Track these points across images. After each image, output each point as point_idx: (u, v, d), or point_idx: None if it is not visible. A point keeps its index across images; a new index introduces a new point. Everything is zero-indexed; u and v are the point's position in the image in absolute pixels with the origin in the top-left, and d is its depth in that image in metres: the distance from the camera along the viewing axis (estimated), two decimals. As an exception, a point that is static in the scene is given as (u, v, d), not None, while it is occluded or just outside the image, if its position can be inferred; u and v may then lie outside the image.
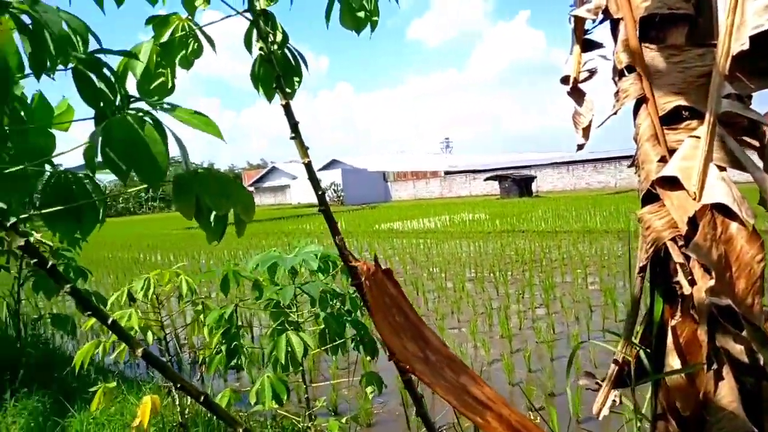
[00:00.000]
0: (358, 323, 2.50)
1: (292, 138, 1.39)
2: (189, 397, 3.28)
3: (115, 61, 1.46)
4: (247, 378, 4.53)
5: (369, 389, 2.45)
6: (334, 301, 2.57)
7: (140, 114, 1.16)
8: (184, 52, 1.52)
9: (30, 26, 1.01)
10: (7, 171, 1.17)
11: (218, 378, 4.64)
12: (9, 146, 1.28)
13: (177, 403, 3.03)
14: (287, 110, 1.40)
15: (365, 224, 19.25)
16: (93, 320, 3.12)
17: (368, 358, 2.52)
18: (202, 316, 2.85)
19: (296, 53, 1.60)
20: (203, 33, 1.49)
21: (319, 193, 1.39)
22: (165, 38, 1.48)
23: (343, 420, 2.62)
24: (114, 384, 2.88)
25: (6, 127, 1.19)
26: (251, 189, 56.57)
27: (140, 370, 4.82)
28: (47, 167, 1.36)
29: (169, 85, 1.57)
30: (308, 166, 1.42)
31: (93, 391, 2.56)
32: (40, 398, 3.69)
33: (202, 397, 1.31)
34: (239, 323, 2.63)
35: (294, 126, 1.38)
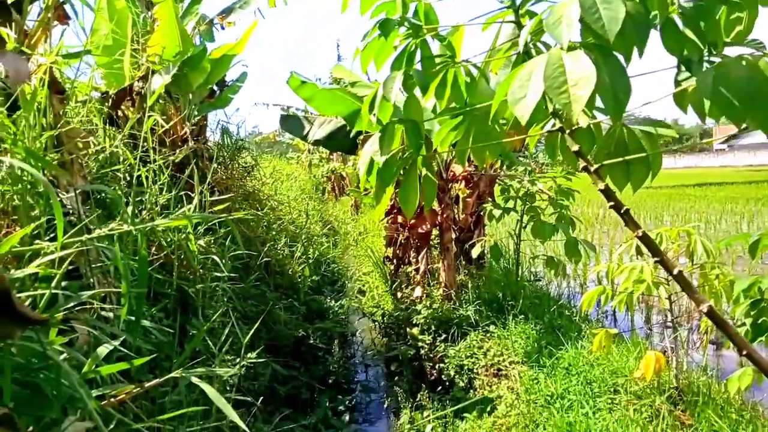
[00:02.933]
0: None
1: None
2: (683, 365, 3.04)
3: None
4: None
5: None
6: None
7: (753, 56, 1.03)
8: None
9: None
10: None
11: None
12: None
13: (675, 366, 2.88)
14: None
15: None
16: (599, 267, 3.26)
17: None
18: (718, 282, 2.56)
19: None
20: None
21: None
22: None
23: None
24: (615, 331, 2.96)
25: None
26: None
27: (622, 327, 4.89)
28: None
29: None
30: None
31: (579, 332, 2.70)
32: (533, 327, 4.21)
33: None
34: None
35: None
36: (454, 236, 5.27)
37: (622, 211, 1.51)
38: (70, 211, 2.12)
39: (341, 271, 8.99)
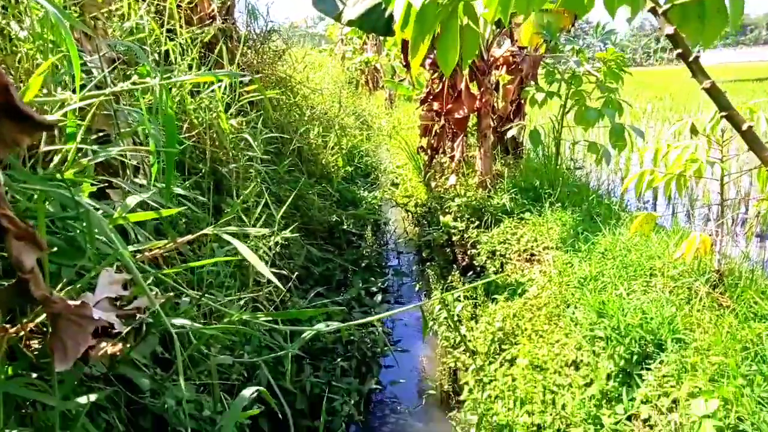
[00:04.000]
0: None
1: None
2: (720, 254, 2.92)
3: None
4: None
5: None
6: None
7: None
8: None
9: None
10: None
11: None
12: None
13: (717, 250, 2.78)
14: None
15: None
16: (646, 149, 3.07)
17: None
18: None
19: None
20: None
21: None
22: None
23: None
24: (657, 215, 2.84)
25: None
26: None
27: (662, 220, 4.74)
28: None
29: None
30: None
31: (618, 220, 2.59)
32: (570, 214, 4.12)
33: None
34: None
35: None
36: (492, 125, 5.07)
37: (690, 60, 1.34)
38: (94, 74, 2.05)
39: (374, 164, 8.93)
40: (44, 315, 1.03)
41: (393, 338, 4.22)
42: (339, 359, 3.52)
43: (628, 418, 2.26)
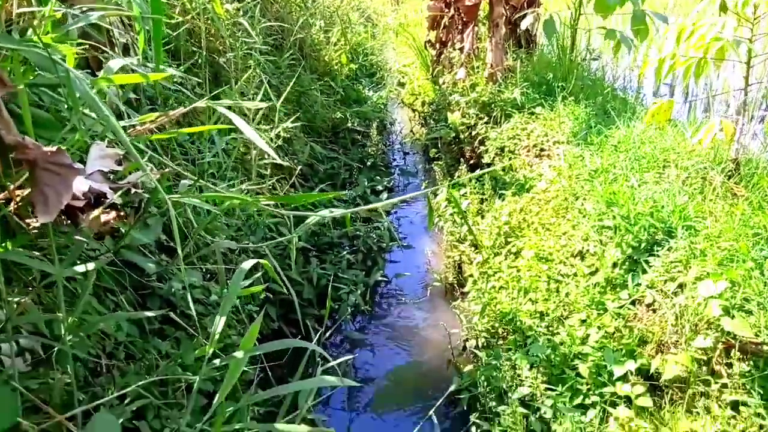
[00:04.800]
0: None
1: None
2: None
3: None
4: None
5: None
6: None
7: None
8: None
9: None
10: None
11: None
12: None
13: (737, 139, 2.66)
14: None
15: None
16: (668, 31, 2.88)
17: None
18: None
19: None
20: None
21: None
22: None
23: None
24: (673, 102, 2.71)
25: None
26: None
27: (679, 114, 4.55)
28: None
29: None
30: None
31: (633, 113, 2.46)
32: (583, 108, 3.96)
33: None
34: None
35: None
36: (505, 14, 4.75)
37: None
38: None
39: (380, 63, 8.56)
40: (26, 176, 0.97)
41: (399, 235, 4.23)
42: (345, 252, 3.55)
43: (632, 303, 2.28)
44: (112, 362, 1.82)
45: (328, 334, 2.89)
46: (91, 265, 1.25)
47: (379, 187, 4.59)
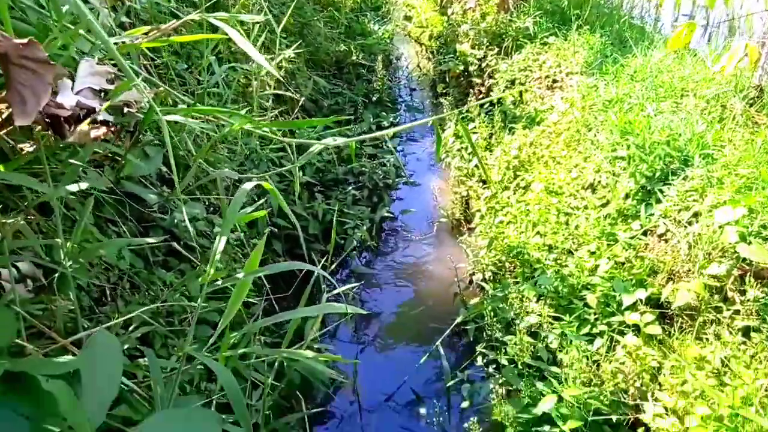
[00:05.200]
0: None
1: None
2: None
3: None
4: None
5: None
6: None
7: None
8: None
9: None
10: None
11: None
12: None
13: (761, 65, 2.53)
14: None
15: None
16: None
17: None
18: None
19: None
20: None
21: None
22: None
23: None
24: (695, 24, 2.55)
25: None
26: None
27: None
28: None
29: None
30: None
31: (651, 42, 2.32)
32: (598, 38, 3.77)
33: None
34: None
35: None
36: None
37: None
38: None
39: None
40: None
41: (405, 171, 4.16)
42: (350, 188, 3.50)
43: (644, 234, 2.23)
44: (116, 291, 1.81)
45: (333, 266, 2.88)
46: (84, 185, 1.20)
47: (385, 123, 4.48)
